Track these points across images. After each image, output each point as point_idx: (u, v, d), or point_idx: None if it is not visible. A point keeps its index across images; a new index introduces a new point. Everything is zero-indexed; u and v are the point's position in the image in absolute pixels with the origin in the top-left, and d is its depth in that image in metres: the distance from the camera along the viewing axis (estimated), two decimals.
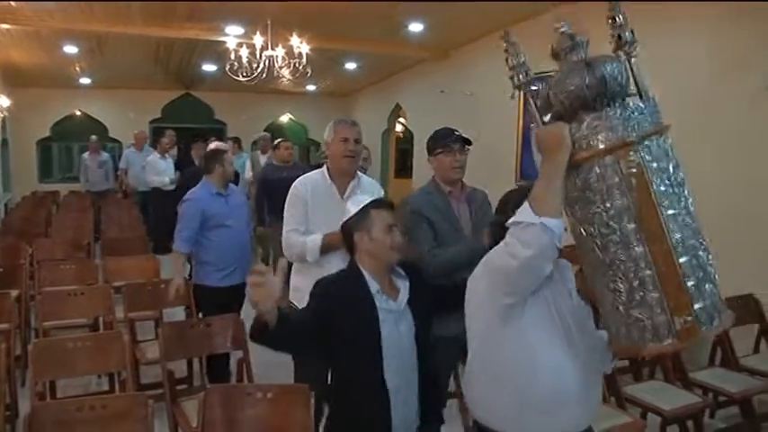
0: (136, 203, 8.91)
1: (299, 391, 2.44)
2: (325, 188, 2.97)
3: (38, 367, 2.96)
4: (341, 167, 2.95)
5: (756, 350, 4.06)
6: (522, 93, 1.83)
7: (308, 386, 2.40)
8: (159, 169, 8.28)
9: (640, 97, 1.60)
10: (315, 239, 2.84)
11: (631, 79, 1.62)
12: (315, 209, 2.92)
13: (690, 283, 1.47)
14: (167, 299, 4.03)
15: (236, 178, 5.16)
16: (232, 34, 6.28)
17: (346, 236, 2.10)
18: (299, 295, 2.88)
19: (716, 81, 4.52)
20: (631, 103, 1.58)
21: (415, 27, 6.78)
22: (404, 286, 2.09)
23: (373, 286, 2.01)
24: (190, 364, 4.01)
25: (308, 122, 12.53)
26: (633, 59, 1.64)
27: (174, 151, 9.26)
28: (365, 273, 2.03)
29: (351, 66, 9.31)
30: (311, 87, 10.64)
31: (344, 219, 2.11)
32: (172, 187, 7.83)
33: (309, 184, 2.98)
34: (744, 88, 4.29)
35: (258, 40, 5.14)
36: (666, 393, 3.33)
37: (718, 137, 4.45)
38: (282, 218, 3.24)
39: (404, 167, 10.26)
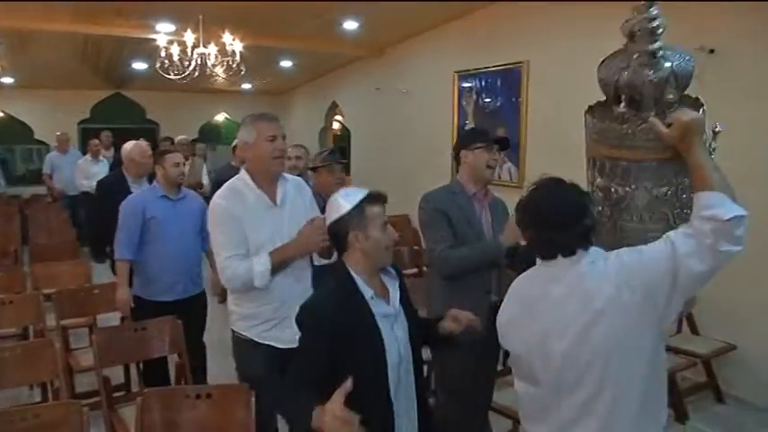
0: (66, 208, 8.60)
1: (238, 390, 2.45)
2: (255, 198, 2.55)
3: None
4: (270, 170, 2.56)
5: (679, 330, 4.34)
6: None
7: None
8: (89, 173, 8.05)
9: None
10: (263, 262, 2.44)
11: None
12: (251, 224, 2.50)
13: None
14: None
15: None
16: (163, 31, 6.15)
17: (337, 235, 1.90)
18: (237, 320, 2.62)
19: None
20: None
21: (350, 25, 6.81)
22: (393, 286, 1.97)
23: (367, 292, 1.86)
24: (127, 370, 3.94)
25: None
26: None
27: (111, 152, 9.00)
28: (357, 277, 1.86)
29: (286, 64, 9.25)
30: (246, 86, 10.51)
31: (335, 215, 1.89)
32: None
33: (234, 197, 2.53)
34: None
35: (189, 37, 5.05)
36: None
37: None
38: None
39: (345, 161, 10.26)
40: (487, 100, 6.47)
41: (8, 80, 9.61)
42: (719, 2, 4.26)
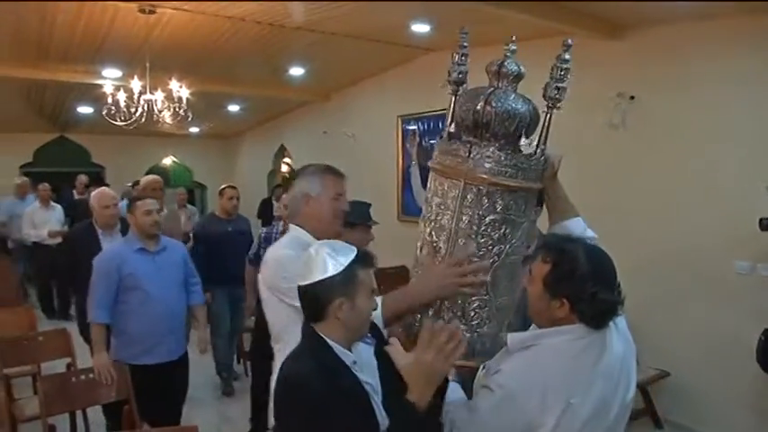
0: (23, 260, 7.98)
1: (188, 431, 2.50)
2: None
3: None
4: (329, 230, 2.15)
5: None
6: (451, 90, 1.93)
7: None
8: (36, 221, 7.47)
9: (536, 147, 1.78)
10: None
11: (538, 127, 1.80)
12: None
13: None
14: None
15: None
16: (109, 77, 6.22)
17: (317, 299, 1.58)
18: None
19: (567, 117, 5.10)
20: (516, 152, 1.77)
21: (296, 71, 7.01)
22: (368, 351, 1.74)
23: (347, 357, 1.60)
24: (73, 419, 3.88)
25: (192, 165, 12.36)
26: (553, 111, 1.78)
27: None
28: (334, 345, 1.59)
29: (234, 108, 9.38)
30: (194, 129, 10.57)
31: (318, 275, 1.56)
32: (54, 241, 7.29)
33: (301, 249, 1.85)
34: (594, 123, 4.87)
35: (136, 84, 5.14)
36: None
37: (574, 163, 5.01)
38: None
39: None
40: (431, 142, 6.73)
41: None
42: (638, 51, 4.66)
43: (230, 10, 4.75)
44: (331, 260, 1.56)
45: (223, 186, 5.28)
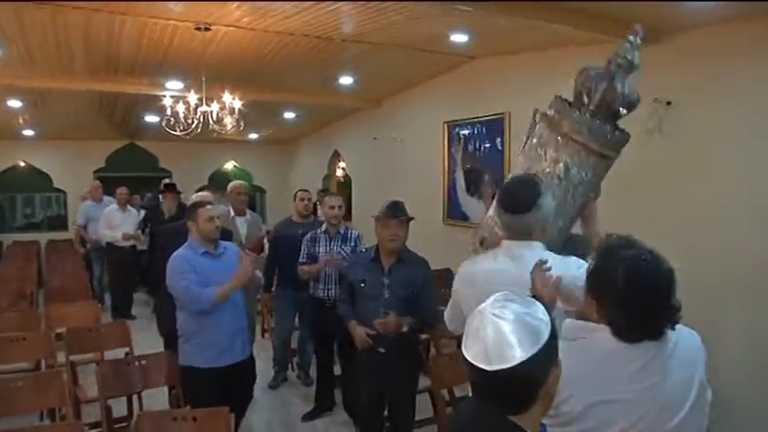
0: (97, 261, 8.43)
1: (219, 414, 2.77)
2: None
3: None
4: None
5: None
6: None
7: None
8: (112, 222, 7.83)
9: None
10: None
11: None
12: None
13: None
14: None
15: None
16: (172, 89, 6.67)
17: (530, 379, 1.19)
18: None
19: None
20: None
21: (346, 80, 7.29)
22: None
23: None
24: (130, 402, 4.24)
25: (252, 169, 12.86)
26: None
27: (138, 202, 9.10)
28: None
29: (289, 115, 9.75)
30: (253, 136, 11.03)
31: (535, 347, 1.17)
32: (127, 244, 7.81)
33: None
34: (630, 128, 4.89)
35: (193, 97, 5.53)
36: None
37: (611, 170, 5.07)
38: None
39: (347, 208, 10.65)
40: (475, 147, 6.87)
41: (29, 132, 10.23)
42: (675, 56, 4.67)
43: (279, 26, 5.05)
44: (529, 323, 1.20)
45: (296, 190, 5.54)
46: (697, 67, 4.51)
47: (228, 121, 5.88)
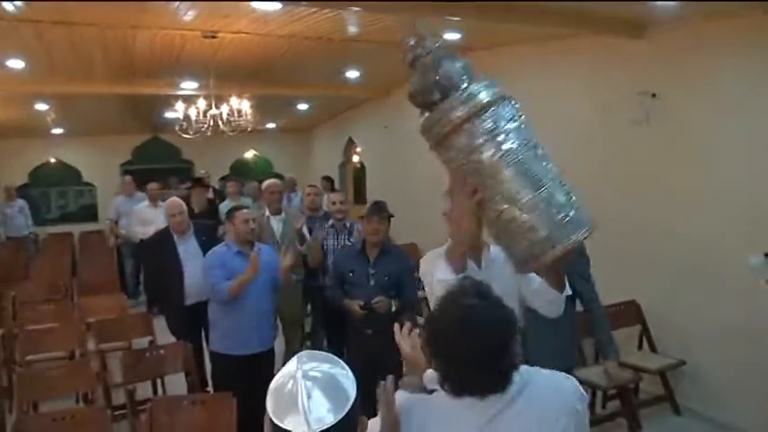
0: (129, 257, 8.44)
1: (224, 398, 3.14)
2: None
3: (21, 391, 3.65)
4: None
5: (640, 348, 4.81)
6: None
7: None
8: (145, 219, 7.53)
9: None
10: None
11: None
12: None
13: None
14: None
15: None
16: (187, 89, 7.05)
17: None
18: None
19: (594, 114, 5.39)
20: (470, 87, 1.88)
21: (352, 74, 7.56)
22: None
23: None
24: (154, 385, 4.59)
25: (272, 157, 13.24)
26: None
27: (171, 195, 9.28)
28: None
29: (303, 106, 10.07)
30: (271, 125, 11.36)
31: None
32: None
33: None
34: (616, 120, 5.13)
35: (202, 103, 5.90)
36: None
37: (598, 159, 5.31)
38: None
39: (359, 195, 10.95)
40: None
41: (58, 130, 10.74)
42: (660, 50, 4.82)
43: (281, 30, 5.35)
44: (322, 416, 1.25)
45: (306, 185, 5.74)
46: (682, 61, 4.64)
47: (241, 122, 6.19)
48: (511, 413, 1.42)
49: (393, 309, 3.82)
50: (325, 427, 1.21)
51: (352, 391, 1.27)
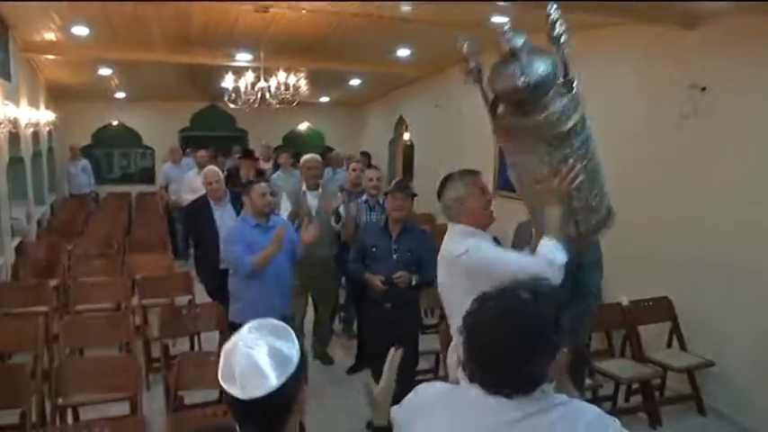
0: (178, 221, 8.60)
1: None
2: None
3: (68, 337, 3.95)
4: (485, 222, 2.58)
5: (669, 346, 4.75)
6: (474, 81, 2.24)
7: None
8: (194, 187, 7.24)
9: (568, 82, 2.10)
10: None
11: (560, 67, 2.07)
12: None
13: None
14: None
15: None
16: (241, 60, 7.26)
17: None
18: None
19: (643, 106, 5.29)
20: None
21: (403, 52, 7.61)
22: None
23: None
24: (192, 341, 4.85)
25: (324, 130, 13.43)
26: (565, 50, 2.05)
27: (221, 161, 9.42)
28: None
29: (355, 82, 10.17)
30: (324, 99, 11.51)
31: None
32: None
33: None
34: (665, 113, 5.03)
35: (250, 76, 6.08)
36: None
37: (644, 153, 5.23)
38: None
39: (408, 173, 11.02)
40: None
41: (121, 94, 11.21)
42: (711, 42, 4.69)
43: (330, 7, 5.45)
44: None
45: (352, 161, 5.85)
46: (732, 54, 4.51)
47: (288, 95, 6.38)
48: (540, 422, 1.35)
49: (414, 283, 3.97)
50: (260, 394, 1.27)
51: (295, 358, 1.33)
